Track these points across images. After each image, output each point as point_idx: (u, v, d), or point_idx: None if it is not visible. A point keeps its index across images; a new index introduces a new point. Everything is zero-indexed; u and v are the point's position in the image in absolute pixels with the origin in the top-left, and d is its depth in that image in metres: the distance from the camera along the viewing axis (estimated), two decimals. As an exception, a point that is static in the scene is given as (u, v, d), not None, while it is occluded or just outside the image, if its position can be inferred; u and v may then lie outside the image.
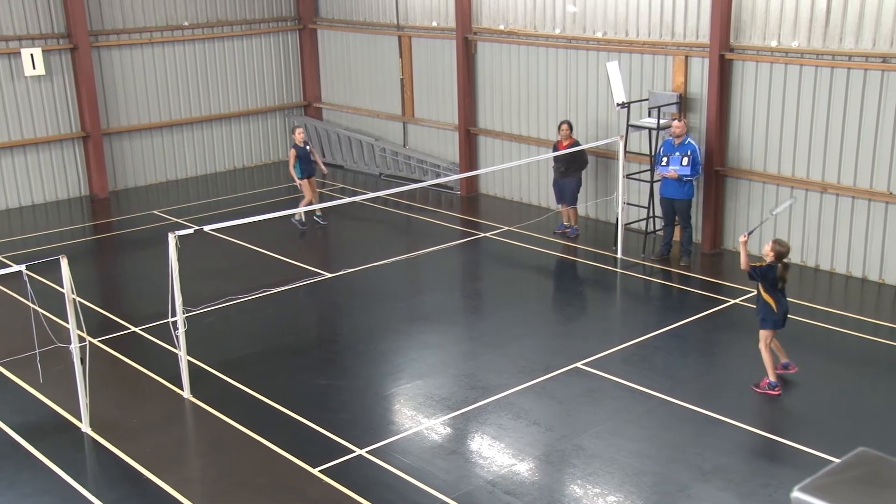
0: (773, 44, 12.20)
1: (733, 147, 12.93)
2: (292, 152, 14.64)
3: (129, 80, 17.54)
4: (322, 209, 14.88)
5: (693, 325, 10.72)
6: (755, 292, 9.11)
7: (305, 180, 14.70)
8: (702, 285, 12.04)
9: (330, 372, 9.92)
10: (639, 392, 9.16)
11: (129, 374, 9.92)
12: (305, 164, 14.69)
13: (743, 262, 9.01)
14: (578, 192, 13.99)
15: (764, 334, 8.97)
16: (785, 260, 8.79)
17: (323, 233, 15.02)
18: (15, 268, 8.26)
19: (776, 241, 8.80)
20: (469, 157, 16.63)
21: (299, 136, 14.65)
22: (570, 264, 13.34)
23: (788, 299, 9.17)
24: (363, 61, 18.71)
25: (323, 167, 15.52)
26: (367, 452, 8.18)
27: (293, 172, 14.68)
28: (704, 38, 12.85)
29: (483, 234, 14.45)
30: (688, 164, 12.26)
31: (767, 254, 8.77)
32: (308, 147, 14.73)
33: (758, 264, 8.85)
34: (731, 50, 12.59)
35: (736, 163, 12.95)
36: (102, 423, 8.79)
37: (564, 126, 13.66)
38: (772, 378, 8.90)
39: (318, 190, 15.31)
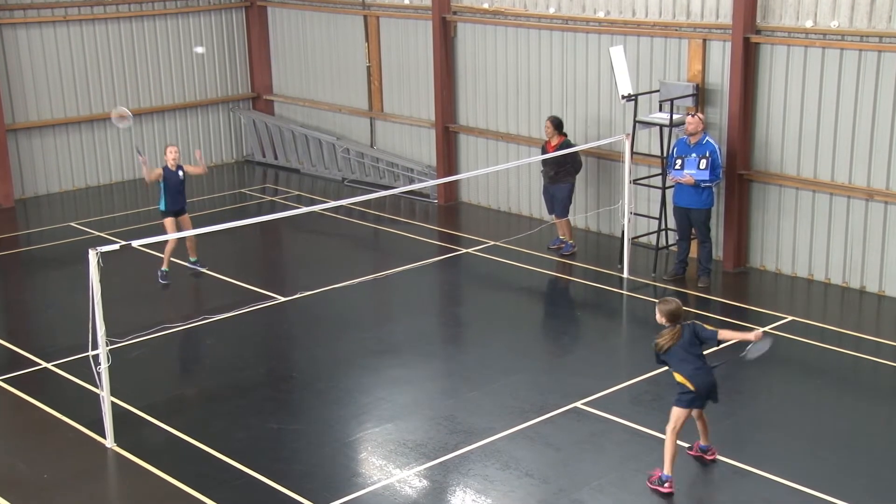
0: (809, 24, 12.36)
1: (760, 147, 13.05)
2: (157, 172, 13.03)
3: (40, 65, 17.45)
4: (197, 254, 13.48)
5: (713, 357, 10.74)
6: (787, 318, 9.12)
7: (171, 218, 13.07)
8: (724, 310, 12.12)
9: (282, 414, 9.86)
10: (649, 437, 9.16)
11: (39, 420, 9.80)
12: (174, 196, 13.08)
13: None
14: (571, 200, 14.06)
15: (675, 413, 8.24)
16: (684, 321, 8.29)
17: (273, 250, 14.96)
18: None
19: (662, 301, 8.43)
20: (448, 159, 16.68)
21: (171, 157, 13.09)
22: (567, 285, 13.37)
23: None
24: (322, 46, 18.75)
25: (203, 167, 13.81)
26: (326, 511, 8.14)
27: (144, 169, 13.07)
28: (726, 18, 12.99)
29: (464, 250, 14.48)
30: (706, 168, 12.35)
31: (659, 319, 8.36)
32: (182, 175, 13.17)
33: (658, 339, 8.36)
34: (758, 32, 12.73)
35: (763, 166, 13.07)
36: (4, 480, 8.67)
37: (548, 123, 13.75)
38: (666, 470, 8.20)
39: (188, 236, 13.00)
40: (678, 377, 8.25)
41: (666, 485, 8.19)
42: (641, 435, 9.20)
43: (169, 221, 13.03)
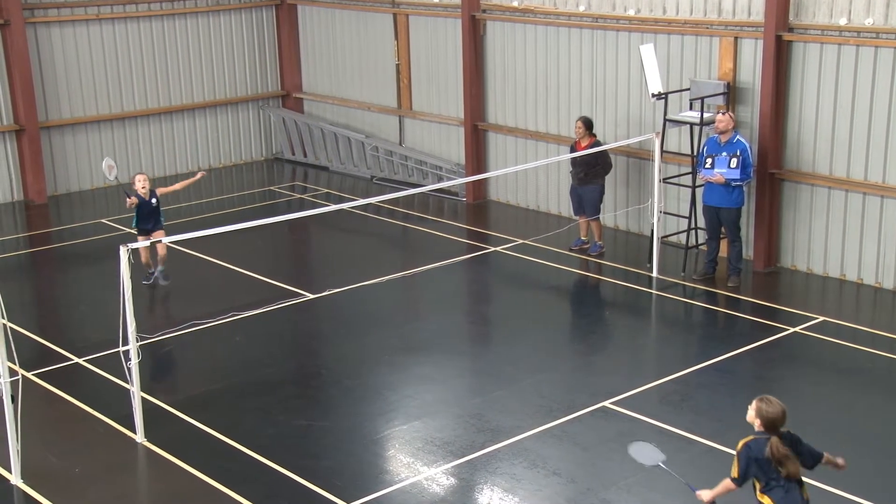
0: (843, 21, 12.24)
1: (792, 146, 12.95)
2: (132, 201, 12.60)
3: (73, 63, 17.62)
4: (157, 268, 12.99)
5: (744, 357, 10.70)
6: (817, 318, 8.98)
7: (143, 235, 12.74)
8: (754, 310, 12.03)
9: (310, 411, 9.90)
10: (678, 437, 9.12)
11: (71, 414, 9.90)
12: (145, 218, 12.80)
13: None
14: (601, 201, 14.01)
15: None
16: (783, 429, 6.40)
17: (302, 247, 15.03)
18: (-64, 286, 8.26)
19: (761, 400, 6.47)
20: (476, 157, 16.68)
21: (140, 185, 12.67)
22: (595, 284, 13.33)
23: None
24: (351, 44, 18.80)
25: (180, 185, 13.83)
26: (354, 508, 8.17)
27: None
28: (758, 15, 12.90)
29: (493, 248, 14.47)
30: (737, 167, 12.27)
31: (752, 419, 6.53)
32: (155, 201, 12.81)
33: (744, 442, 6.52)
34: (791, 30, 12.63)
35: (795, 164, 12.97)
36: (36, 473, 8.75)
37: (579, 123, 13.69)
38: None
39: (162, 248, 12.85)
40: (763, 499, 6.52)
41: None
42: (670, 435, 9.16)
43: (141, 238, 12.53)
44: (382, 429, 9.47)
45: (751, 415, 6.51)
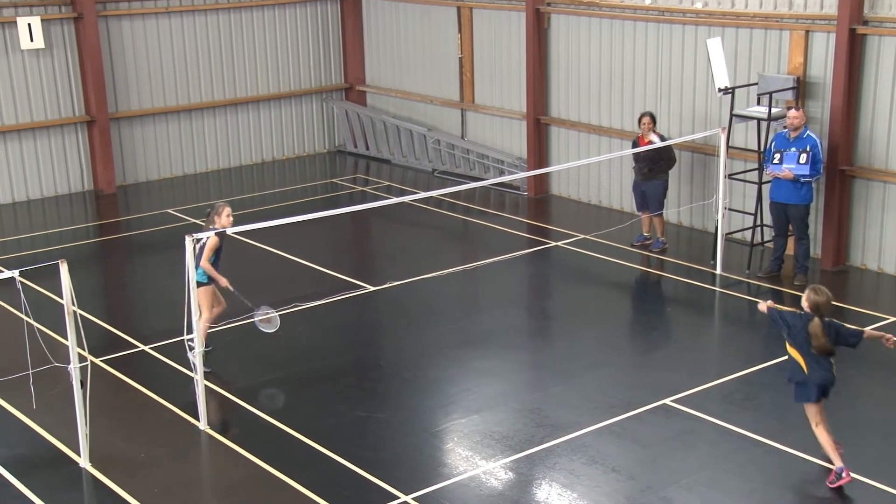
0: (916, 16, 11.96)
1: (864, 142, 12.69)
2: (212, 245, 10.40)
3: (142, 56, 17.93)
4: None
5: (809, 357, 10.52)
6: (889, 319, 8.90)
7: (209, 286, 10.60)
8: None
9: (369, 402, 9.97)
10: (740, 436, 9.01)
11: (136, 401, 10.09)
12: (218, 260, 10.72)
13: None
14: (665, 196, 13.87)
15: (807, 411, 8.37)
16: (826, 317, 8.13)
17: (363, 239, 15.09)
18: (6, 273, 8.47)
19: (811, 289, 8.23)
20: (538, 151, 16.62)
21: (229, 219, 10.72)
22: (657, 281, 13.21)
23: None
24: (415, 37, 18.85)
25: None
26: (412, 499, 8.19)
27: (212, 271, 10.41)
28: (831, 8, 12.65)
29: (554, 243, 14.42)
30: (806, 163, 12.05)
31: (804, 303, 8.26)
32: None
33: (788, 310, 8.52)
34: (866, 23, 12.36)
35: (867, 161, 12.70)
36: (104, 457, 8.92)
37: (646, 119, 13.54)
38: (836, 464, 8.14)
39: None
40: (792, 352, 8.25)
41: (844, 475, 8.06)
42: (732, 434, 9.05)
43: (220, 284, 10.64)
44: (441, 422, 9.50)
45: (803, 299, 8.22)
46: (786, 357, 8.42)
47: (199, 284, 10.16)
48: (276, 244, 14.10)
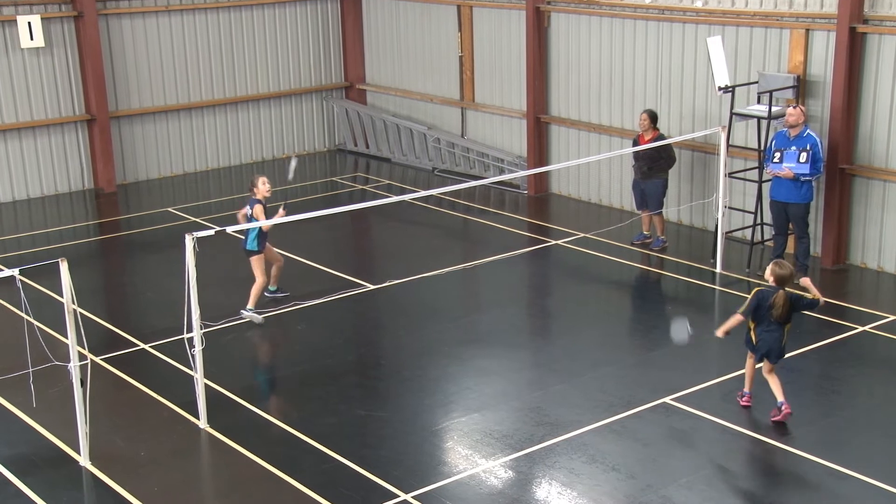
0: (918, 14, 11.96)
1: (864, 140, 12.68)
2: (258, 209, 11.48)
3: (142, 54, 17.92)
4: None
5: (810, 356, 10.53)
6: (889, 317, 8.97)
7: (262, 253, 11.80)
8: (821, 308, 11.78)
9: (370, 401, 9.97)
10: (741, 435, 9.02)
11: (137, 399, 10.09)
12: (264, 234, 11.75)
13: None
14: (665, 195, 13.87)
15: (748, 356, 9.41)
16: (789, 289, 9.00)
17: (363, 238, 15.07)
18: (6, 272, 8.47)
19: (776, 263, 9.08)
20: (539, 149, 16.61)
21: (266, 187, 11.73)
22: (657, 279, 13.21)
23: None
24: (415, 35, 18.84)
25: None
26: (412, 497, 8.19)
27: (268, 221, 11.33)
28: (831, 6, 12.64)
29: (554, 242, 14.42)
30: (806, 161, 12.05)
31: (768, 276, 9.07)
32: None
33: (758, 289, 9.23)
34: (866, 21, 12.35)
35: (867, 160, 12.69)
36: (104, 455, 8.93)
37: (644, 116, 13.54)
38: (745, 388, 9.47)
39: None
40: (750, 325, 9.16)
41: (744, 399, 9.40)
42: (731, 433, 9.05)
43: (267, 254, 11.93)
44: (441, 420, 9.50)
45: (767, 273, 9.07)
46: (787, 356, 8.50)
47: (253, 253, 11.69)
48: (276, 243, 14.06)
